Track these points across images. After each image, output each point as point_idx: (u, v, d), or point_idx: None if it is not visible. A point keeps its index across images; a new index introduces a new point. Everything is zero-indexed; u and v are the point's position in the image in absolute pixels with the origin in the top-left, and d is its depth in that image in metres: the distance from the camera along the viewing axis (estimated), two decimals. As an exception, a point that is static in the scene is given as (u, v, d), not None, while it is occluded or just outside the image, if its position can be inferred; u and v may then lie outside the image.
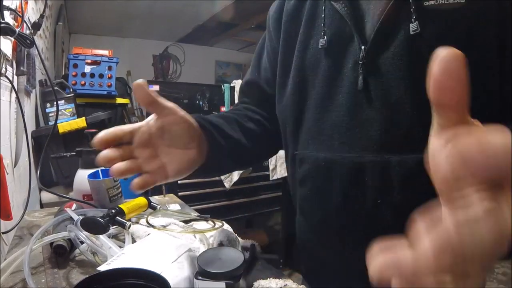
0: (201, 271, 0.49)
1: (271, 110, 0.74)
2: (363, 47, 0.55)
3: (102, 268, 0.54)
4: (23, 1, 1.13)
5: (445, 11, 0.49)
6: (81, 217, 0.66)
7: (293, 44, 0.66)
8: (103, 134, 0.48)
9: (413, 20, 0.50)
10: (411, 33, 0.50)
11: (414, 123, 0.53)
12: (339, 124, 0.59)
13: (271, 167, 2.70)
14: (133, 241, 0.69)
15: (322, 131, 0.61)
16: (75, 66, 2.42)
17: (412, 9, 0.50)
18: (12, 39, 0.99)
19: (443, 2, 0.49)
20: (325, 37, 0.60)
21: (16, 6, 1.07)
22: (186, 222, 0.83)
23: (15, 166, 1.10)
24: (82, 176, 0.90)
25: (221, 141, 0.61)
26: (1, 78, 0.95)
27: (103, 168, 0.92)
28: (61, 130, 1.91)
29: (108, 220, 0.68)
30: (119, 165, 0.48)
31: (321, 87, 0.61)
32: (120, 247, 0.64)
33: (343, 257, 0.61)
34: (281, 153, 0.76)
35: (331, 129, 0.60)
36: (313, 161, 0.61)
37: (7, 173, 0.92)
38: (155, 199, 1.11)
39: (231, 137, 0.66)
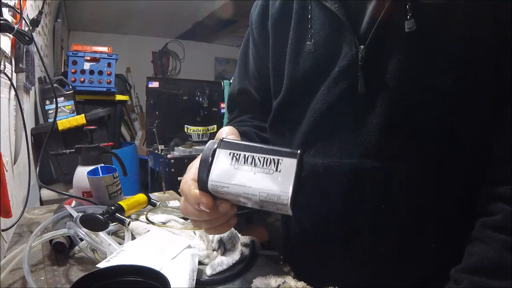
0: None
1: (265, 118, 0.72)
2: (361, 46, 0.53)
3: (102, 265, 0.54)
4: (21, -3, 1.13)
5: (441, 8, 0.48)
6: (80, 214, 0.66)
7: (284, 48, 0.63)
8: None
9: (408, 17, 0.49)
10: (407, 30, 0.49)
11: (414, 127, 0.52)
12: (337, 129, 0.57)
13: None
14: (133, 238, 0.69)
15: (320, 136, 0.59)
16: (74, 63, 2.41)
17: (408, 6, 0.49)
18: (11, 36, 0.99)
19: None
20: (312, 40, 0.58)
21: (15, 3, 1.07)
22: (186, 218, 0.82)
23: (14, 164, 1.10)
24: (81, 173, 0.90)
25: None
26: (0, 75, 0.95)
27: (102, 165, 0.92)
28: (60, 127, 1.91)
29: (108, 217, 0.68)
30: None
31: (317, 91, 0.59)
32: (120, 244, 0.64)
33: (339, 264, 0.60)
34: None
35: (329, 134, 0.58)
36: (310, 167, 0.60)
37: (7, 171, 0.92)
38: (154, 195, 1.11)
39: None
